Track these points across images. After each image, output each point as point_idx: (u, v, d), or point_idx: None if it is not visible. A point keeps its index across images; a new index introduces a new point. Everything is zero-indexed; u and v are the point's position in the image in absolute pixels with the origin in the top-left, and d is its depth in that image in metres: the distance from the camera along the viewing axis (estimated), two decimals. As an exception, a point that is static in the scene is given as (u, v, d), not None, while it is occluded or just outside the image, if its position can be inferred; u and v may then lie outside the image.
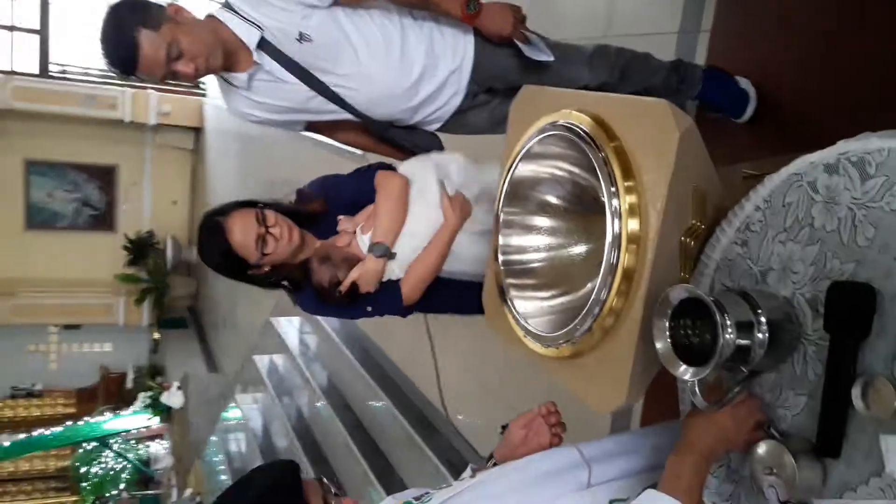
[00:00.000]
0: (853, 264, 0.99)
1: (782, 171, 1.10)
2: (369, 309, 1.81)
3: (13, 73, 10.79)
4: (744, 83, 2.16)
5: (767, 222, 1.12)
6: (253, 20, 1.73)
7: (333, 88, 1.82)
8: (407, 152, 2.05)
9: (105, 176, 12.28)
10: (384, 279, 1.78)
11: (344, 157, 5.54)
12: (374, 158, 2.06)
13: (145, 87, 11.38)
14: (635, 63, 2.05)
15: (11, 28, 10.82)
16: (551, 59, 1.88)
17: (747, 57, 2.18)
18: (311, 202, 1.86)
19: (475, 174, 1.85)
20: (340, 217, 1.83)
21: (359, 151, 2.30)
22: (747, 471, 1.10)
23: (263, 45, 1.74)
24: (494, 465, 1.29)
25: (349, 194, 1.88)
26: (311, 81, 1.81)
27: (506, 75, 1.94)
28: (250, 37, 1.72)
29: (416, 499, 1.20)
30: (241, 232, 1.66)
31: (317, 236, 1.83)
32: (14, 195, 11.52)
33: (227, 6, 1.75)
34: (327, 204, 1.86)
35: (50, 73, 11.23)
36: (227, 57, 1.75)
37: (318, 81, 1.81)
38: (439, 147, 2.06)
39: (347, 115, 1.90)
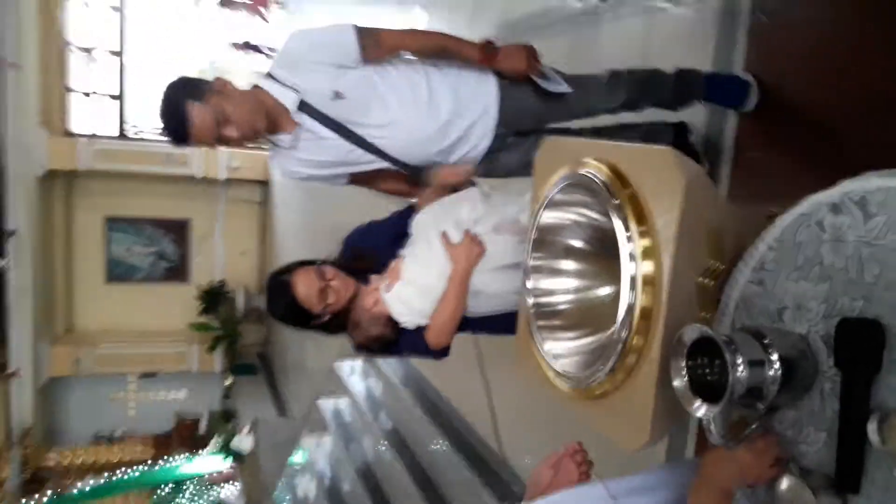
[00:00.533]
0: (862, 301, 1.01)
1: (792, 211, 1.14)
2: (403, 354, 1.96)
3: (94, 136, 11.48)
4: (744, 75, 2.27)
5: (780, 261, 1.15)
6: (292, 85, 1.89)
7: (369, 139, 1.96)
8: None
9: (179, 230, 12.84)
10: (412, 327, 1.89)
11: (394, 201, 5.71)
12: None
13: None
14: (647, 79, 2.19)
15: (92, 94, 11.55)
16: (567, 89, 2.00)
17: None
18: (360, 259, 2.01)
19: (493, 206, 1.92)
20: (371, 277, 1.95)
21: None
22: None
23: (303, 106, 1.90)
24: None
25: (389, 237, 2.02)
26: (349, 135, 1.95)
27: (531, 110, 2.05)
28: (290, 100, 1.89)
29: None
30: (305, 287, 1.85)
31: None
32: (95, 251, 12.16)
33: (269, 75, 1.92)
34: (374, 253, 2.01)
35: (127, 135, 11.91)
36: (272, 121, 1.90)
37: (354, 134, 1.95)
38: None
39: (386, 164, 2.03)
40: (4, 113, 9.45)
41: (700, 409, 1.06)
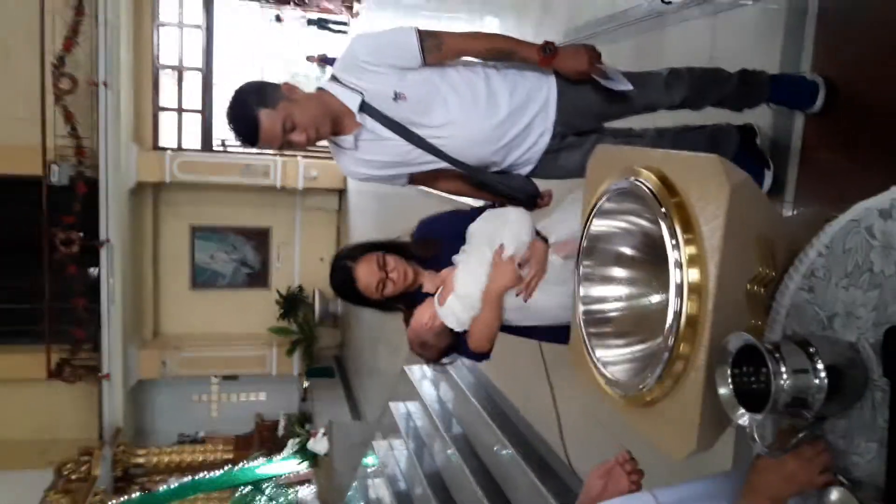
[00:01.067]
0: (912, 309, 0.99)
1: (841, 217, 1.12)
2: (454, 355, 2.04)
3: (180, 149, 12.02)
4: (811, 76, 2.22)
5: (830, 268, 1.13)
6: (355, 87, 1.96)
7: (429, 139, 2.01)
8: (503, 197, 2.19)
9: (260, 237, 13.29)
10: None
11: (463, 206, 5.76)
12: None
13: (294, 155, 12.29)
14: (707, 77, 2.18)
15: (179, 110, 12.11)
16: (630, 87, 2.00)
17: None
18: (428, 246, 2.10)
19: (550, 223, 1.95)
20: (424, 280, 2.03)
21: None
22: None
23: (365, 107, 1.97)
24: None
25: (459, 232, 2.07)
26: (409, 135, 2.00)
27: (590, 108, 2.07)
28: (353, 102, 1.96)
29: None
30: (365, 278, 1.96)
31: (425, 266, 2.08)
32: (182, 258, 12.72)
33: (333, 78, 2.01)
34: (440, 244, 2.11)
35: (210, 148, 12.41)
36: (335, 123, 1.98)
37: (414, 135, 2.00)
38: (533, 190, 2.18)
39: (445, 164, 2.07)
40: (100, 130, 10.03)
41: (743, 418, 1.05)
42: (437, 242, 2.10)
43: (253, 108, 1.88)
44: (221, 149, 12.42)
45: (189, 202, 12.47)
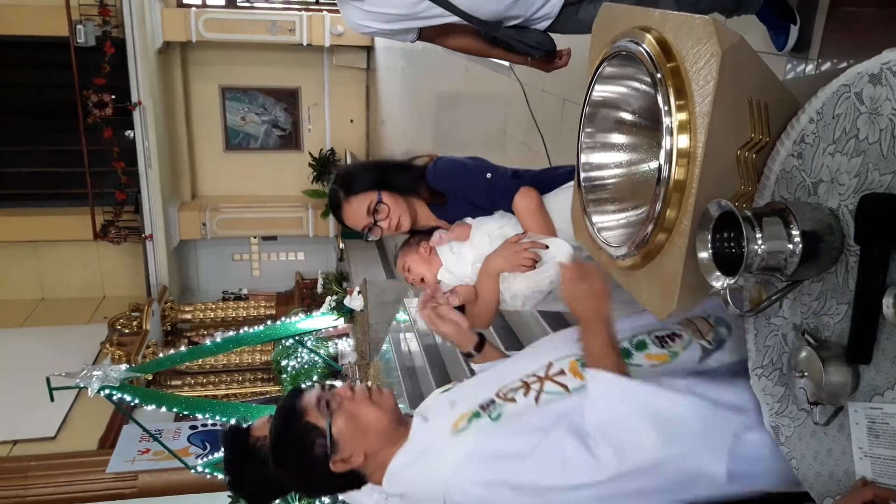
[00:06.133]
0: (890, 176, 1.00)
1: (833, 82, 1.10)
2: None
3: (205, 6, 11.75)
4: (793, 31, 2.19)
5: (819, 134, 1.13)
6: None
7: None
8: (519, 54, 2.13)
9: (290, 98, 13.21)
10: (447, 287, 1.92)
11: (495, 72, 5.62)
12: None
13: (320, 10, 11.93)
14: None
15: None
16: None
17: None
18: (434, 192, 1.96)
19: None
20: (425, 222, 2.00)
21: (506, 64, 2.35)
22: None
23: None
24: None
25: (480, 201, 1.95)
26: None
27: None
28: None
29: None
30: (352, 220, 1.93)
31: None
32: (214, 120, 12.78)
33: None
34: (448, 199, 1.97)
35: (237, 4, 12.10)
36: None
37: None
38: (551, 46, 2.10)
39: (456, 19, 1.97)
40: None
41: (718, 280, 1.10)
42: (444, 198, 1.97)
43: None
44: (247, 3, 12.11)
45: (217, 62, 12.35)
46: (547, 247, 1.83)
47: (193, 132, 12.65)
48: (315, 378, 8.27)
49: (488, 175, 1.93)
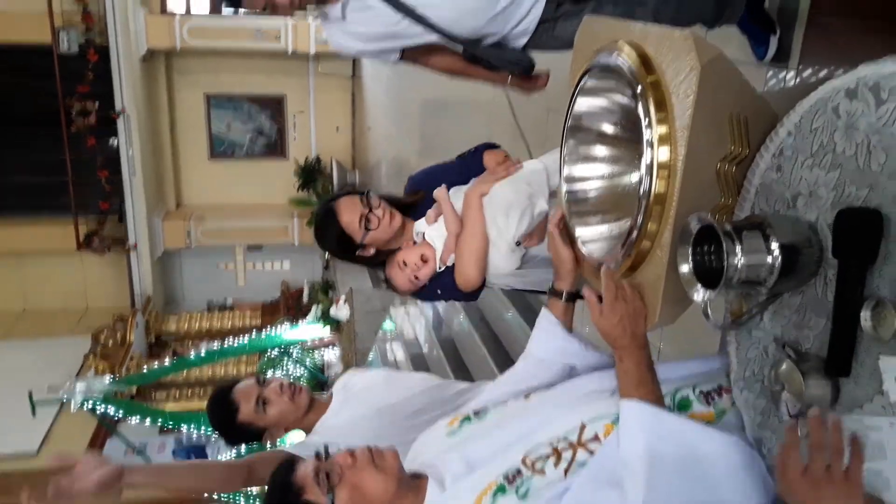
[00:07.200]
0: (867, 190, 1.00)
1: (811, 95, 1.11)
2: (439, 292, 2.00)
3: (188, 13, 11.70)
4: (773, 41, 2.22)
5: (798, 148, 1.14)
6: None
7: (418, 9, 1.94)
8: (500, 71, 2.15)
9: (275, 106, 13.15)
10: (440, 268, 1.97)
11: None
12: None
13: (305, 17, 11.90)
14: None
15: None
16: None
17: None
18: (413, 194, 2.06)
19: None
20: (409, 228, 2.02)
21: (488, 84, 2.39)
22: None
23: None
24: None
25: (454, 179, 2.03)
26: (397, 4, 1.94)
27: None
28: None
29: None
30: (348, 212, 1.90)
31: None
32: (199, 128, 12.70)
33: None
34: (426, 195, 2.04)
35: (220, 11, 12.06)
36: None
37: (403, 3, 1.94)
38: (529, 63, 2.13)
39: (436, 38, 2.00)
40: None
41: (699, 294, 1.10)
42: (421, 193, 2.05)
43: None
44: (232, 8, 12.07)
45: (202, 70, 12.29)
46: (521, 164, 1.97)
47: (178, 140, 12.57)
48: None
49: (456, 158, 2.09)
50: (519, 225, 1.89)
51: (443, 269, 1.96)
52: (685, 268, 1.14)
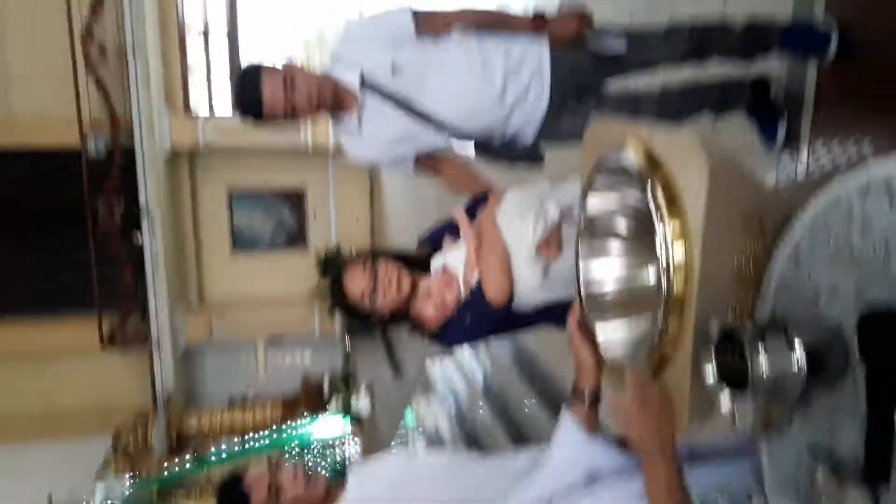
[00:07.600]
0: (888, 290, 0.98)
1: (824, 192, 1.10)
2: (468, 320, 1.92)
3: (212, 114, 12.13)
4: (824, 24, 2.14)
5: (814, 246, 1.12)
6: (354, 63, 2.02)
7: (429, 112, 2.03)
8: (518, 163, 2.21)
9: (296, 199, 13.42)
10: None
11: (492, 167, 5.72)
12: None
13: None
14: (709, 31, 2.12)
15: (208, 75, 12.20)
16: (622, 49, 2.01)
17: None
18: (422, 251, 2.09)
19: (556, 195, 1.96)
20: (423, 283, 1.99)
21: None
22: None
23: (364, 83, 2.02)
24: None
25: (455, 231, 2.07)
26: (409, 108, 2.03)
27: (586, 70, 2.08)
28: (353, 77, 2.01)
29: None
30: (354, 285, 1.91)
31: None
32: (221, 222, 12.94)
33: (332, 57, 2.07)
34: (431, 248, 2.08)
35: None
36: (337, 99, 2.02)
37: (415, 107, 2.02)
38: (537, 156, 2.19)
39: (448, 144, 2.11)
40: (133, 98, 10.15)
41: (726, 404, 1.06)
42: (430, 250, 2.08)
43: (257, 78, 1.93)
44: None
45: (224, 166, 12.61)
46: None
47: (201, 235, 12.79)
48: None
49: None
50: (535, 226, 1.87)
51: (467, 294, 1.91)
52: (707, 374, 1.11)
